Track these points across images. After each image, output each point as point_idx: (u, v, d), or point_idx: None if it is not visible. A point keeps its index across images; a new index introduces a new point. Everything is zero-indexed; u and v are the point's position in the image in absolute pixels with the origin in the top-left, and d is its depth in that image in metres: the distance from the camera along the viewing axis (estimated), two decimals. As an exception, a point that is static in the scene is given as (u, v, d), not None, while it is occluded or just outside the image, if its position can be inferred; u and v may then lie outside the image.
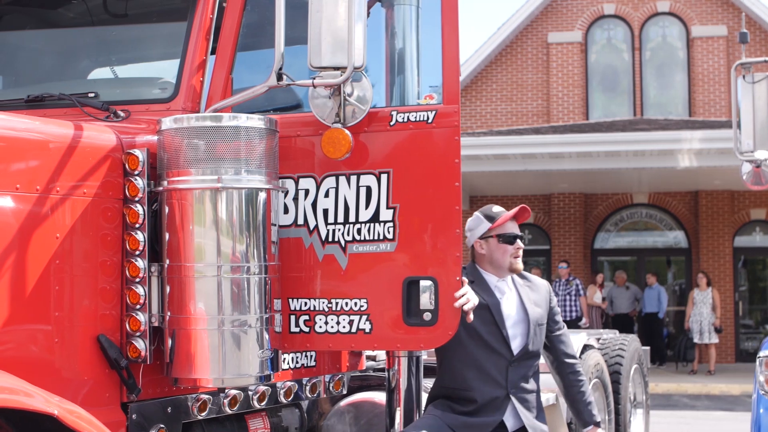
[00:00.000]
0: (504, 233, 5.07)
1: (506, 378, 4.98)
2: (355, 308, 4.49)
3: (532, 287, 5.18)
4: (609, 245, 24.93)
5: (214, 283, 4.16)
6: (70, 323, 4.03)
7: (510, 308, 5.08)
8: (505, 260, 5.07)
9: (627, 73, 24.82)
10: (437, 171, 4.45)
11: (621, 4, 24.62)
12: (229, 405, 4.72)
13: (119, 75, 5.13)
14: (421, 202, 4.46)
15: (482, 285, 5.05)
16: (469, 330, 4.89)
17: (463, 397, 5.00)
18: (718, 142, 18.84)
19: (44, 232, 3.95)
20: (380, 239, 4.48)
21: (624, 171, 20.41)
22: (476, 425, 4.97)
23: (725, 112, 23.60)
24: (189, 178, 4.17)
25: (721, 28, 24.07)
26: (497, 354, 4.97)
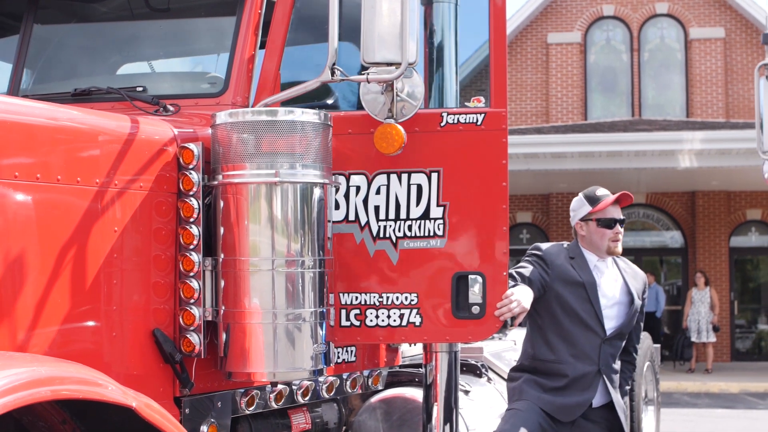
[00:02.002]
0: (603, 217, 5.17)
1: (599, 355, 5.09)
2: (406, 302, 4.63)
3: (633, 275, 5.30)
4: (606, 245, 24.95)
5: (270, 278, 4.16)
6: (126, 317, 4.04)
7: (609, 288, 5.19)
8: (603, 243, 5.18)
9: (625, 73, 24.89)
10: (485, 171, 4.61)
11: (620, 5, 24.69)
12: (275, 400, 4.73)
13: (167, 69, 5.14)
14: (470, 200, 4.60)
15: (581, 262, 5.17)
16: (564, 306, 5.12)
17: (555, 371, 5.14)
18: (718, 142, 18.94)
19: (103, 225, 3.95)
20: (430, 236, 4.62)
21: (623, 171, 20.47)
22: (570, 406, 5.11)
23: (722, 113, 23.69)
24: (244, 172, 4.17)
25: (719, 30, 24.16)
26: (592, 331, 5.11)
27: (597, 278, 5.17)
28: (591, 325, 5.11)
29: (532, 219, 24.84)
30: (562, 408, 5.11)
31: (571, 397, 5.11)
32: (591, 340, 5.11)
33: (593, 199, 5.21)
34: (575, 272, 5.13)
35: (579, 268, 5.16)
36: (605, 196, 5.21)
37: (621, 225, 5.20)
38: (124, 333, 4.02)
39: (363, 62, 4.35)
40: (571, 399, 5.10)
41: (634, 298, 5.19)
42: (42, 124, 3.80)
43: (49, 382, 3.04)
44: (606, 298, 5.16)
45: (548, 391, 5.13)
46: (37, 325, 3.66)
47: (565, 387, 5.13)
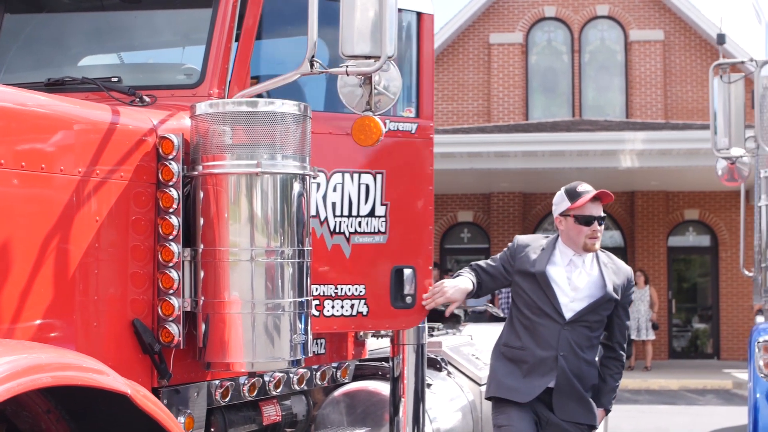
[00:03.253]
0: (581, 214, 5.15)
1: (558, 341, 5.13)
2: (356, 293, 5.06)
3: (615, 270, 5.28)
4: (546, 244, 25.18)
5: (249, 268, 4.17)
6: (106, 308, 4.03)
7: (580, 281, 5.19)
8: (580, 240, 5.17)
9: (566, 74, 25.13)
10: (417, 175, 5.26)
11: (561, 6, 24.93)
12: (249, 391, 4.74)
13: (142, 60, 5.12)
14: (406, 201, 5.20)
15: (546, 254, 5.22)
16: (523, 295, 5.23)
17: (520, 357, 5.24)
18: (658, 143, 19.24)
19: (84, 215, 3.94)
20: (376, 232, 5.12)
21: (565, 171, 20.66)
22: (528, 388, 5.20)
23: (661, 114, 24.02)
24: (225, 162, 4.18)
25: (658, 33, 24.49)
26: (550, 318, 5.17)
27: (567, 273, 5.20)
28: (548, 312, 5.16)
29: (473, 218, 24.99)
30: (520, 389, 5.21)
31: (529, 379, 5.19)
32: (550, 326, 5.16)
33: (573, 195, 5.20)
34: (530, 264, 5.22)
35: (538, 259, 5.22)
36: (586, 192, 5.19)
37: (600, 223, 5.18)
38: (104, 323, 4.01)
39: (342, 55, 4.38)
40: (530, 383, 5.19)
41: (608, 293, 5.17)
42: (24, 112, 3.78)
43: (50, 369, 3.04)
44: (576, 290, 5.18)
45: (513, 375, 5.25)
46: (19, 315, 3.64)
47: (527, 372, 5.21)
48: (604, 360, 5.38)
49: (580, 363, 5.17)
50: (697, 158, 18.79)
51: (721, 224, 23.90)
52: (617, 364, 5.37)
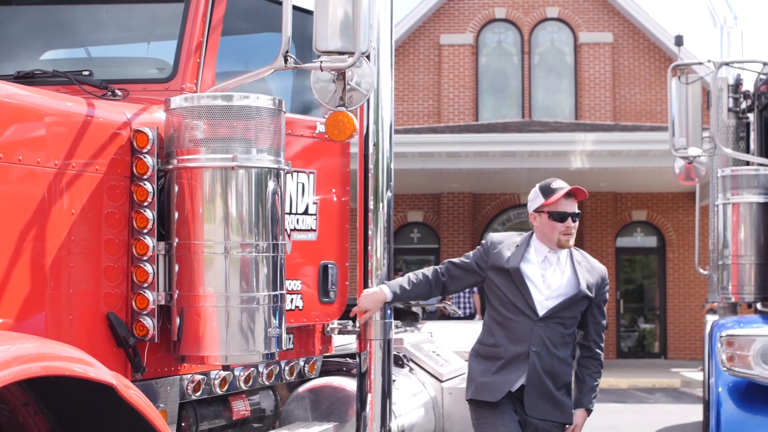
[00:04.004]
0: (554, 210, 5.12)
1: (530, 337, 5.13)
2: (295, 288, 5.15)
3: (589, 269, 5.26)
4: (496, 244, 25.32)
5: (224, 262, 4.18)
6: (82, 301, 4.02)
7: (555, 280, 5.19)
8: (554, 236, 5.14)
9: (516, 76, 25.30)
10: (337, 176, 5.46)
11: (512, 8, 25.08)
12: (219, 386, 4.75)
13: (114, 54, 5.10)
14: (329, 200, 5.38)
15: (520, 251, 5.21)
16: (497, 292, 5.23)
17: (494, 354, 5.24)
18: (609, 144, 19.42)
19: (62, 208, 3.93)
20: (309, 229, 5.27)
21: (516, 171, 20.80)
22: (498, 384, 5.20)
23: (610, 116, 24.26)
24: (200, 156, 4.18)
25: (607, 35, 24.74)
26: (523, 314, 5.16)
27: (542, 270, 5.19)
28: (522, 309, 5.16)
29: (423, 218, 25.07)
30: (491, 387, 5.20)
31: (500, 376, 5.19)
32: (523, 323, 5.16)
33: (547, 191, 5.18)
34: (505, 260, 5.21)
35: (513, 256, 5.21)
36: (560, 188, 5.17)
37: (574, 219, 5.17)
38: (79, 316, 4.00)
39: (315, 50, 4.41)
40: (501, 378, 5.19)
41: (581, 290, 5.17)
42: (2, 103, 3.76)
43: (39, 358, 3.02)
44: (550, 288, 5.17)
45: (486, 373, 5.24)
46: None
47: (500, 368, 5.21)
48: (581, 360, 5.36)
49: (553, 360, 5.15)
50: (646, 159, 19.02)
51: (669, 225, 24.20)
52: (595, 363, 5.33)
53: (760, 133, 7.98)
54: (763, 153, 7.81)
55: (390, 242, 5.72)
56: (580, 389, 5.32)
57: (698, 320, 22.44)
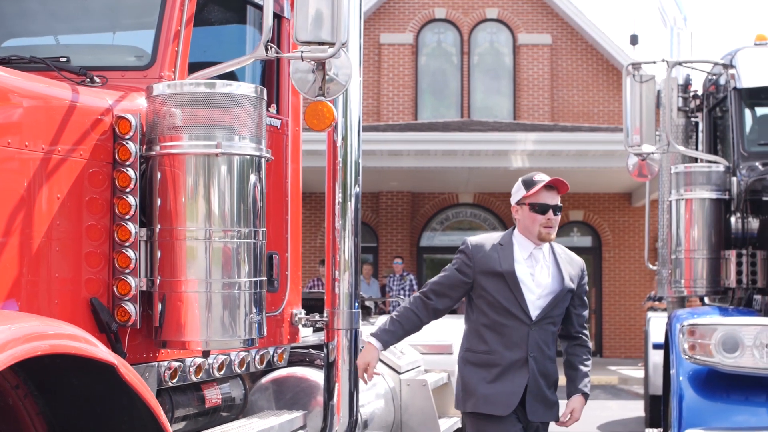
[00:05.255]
0: (536, 202, 5.06)
1: (527, 342, 5.03)
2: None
3: (569, 261, 5.21)
4: (435, 243, 25.52)
5: (206, 247, 4.22)
6: (65, 286, 4.03)
7: (543, 277, 5.11)
8: (535, 228, 5.07)
9: (456, 76, 25.45)
10: (282, 168, 5.50)
11: (452, 8, 25.24)
12: (195, 373, 4.77)
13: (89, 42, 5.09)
14: (272, 191, 5.30)
15: (507, 251, 5.09)
16: (488, 297, 5.06)
17: (488, 361, 5.09)
18: (549, 144, 19.63)
19: (47, 192, 3.94)
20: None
21: (456, 170, 20.94)
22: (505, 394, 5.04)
23: (548, 117, 24.52)
24: (183, 143, 4.21)
25: (546, 37, 24.99)
26: (517, 319, 5.03)
27: (530, 269, 5.11)
28: (515, 313, 5.05)
29: (362, 217, 25.05)
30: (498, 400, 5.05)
31: (503, 385, 5.05)
32: (518, 327, 5.05)
33: (529, 184, 5.14)
34: (496, 262, 5.09)
35: (502, 257, 5.10)
36: (542, 181, 5.12)
37: (555, 212, 5.11)
38: (63, 301, 4.01)
39: (296, 41, 4.46)
40: (504, 388, 5.04)
41: (567, 285, 5.13)
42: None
43: (45, 337, 3.03)
44: (540, 287, 5.09)
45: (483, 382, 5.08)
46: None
47: (498, 376, 5.06)
48: (571, 349, 5.29)
49: (546, 361, 5.10)
50: (585, 160, 19.28)
51: (605, 225, 24.53)
52: (585, 350, 5.29)
53: (708, 132, 8.17)
54: (711, 151, 8.01)
55: (358, 236, 5.78)
56: (574, 377, 5.23)
57: (634, 319, 22.82)
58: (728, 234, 6.99)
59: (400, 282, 20.61)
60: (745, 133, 7.35)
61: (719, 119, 8.05)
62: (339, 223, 5.69)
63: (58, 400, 3.60)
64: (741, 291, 6.96)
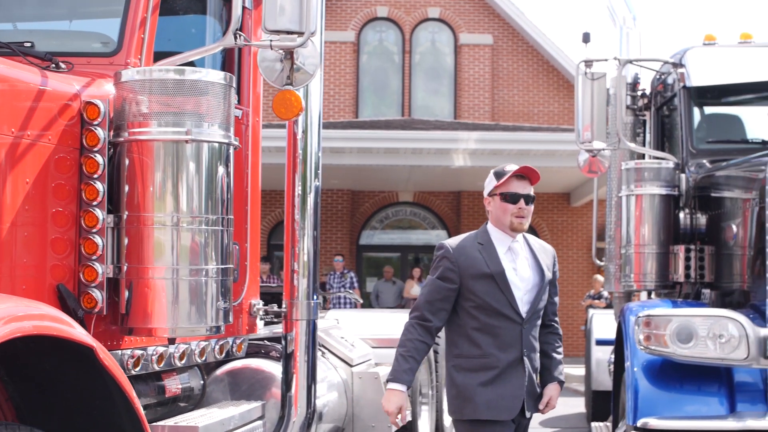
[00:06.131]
0: (507, 192, 4.99)
1: (521, 341, 4.94)
2: None
3: (542, 250, 5.15)
4: (374, 242, 25.58)
5: (174, 234, 4.22)
6: (33, 272, 4.00)
7: (525, 271, 5.03)
8: (507, 219, 4.97)
9: (397, 75, 25.53)
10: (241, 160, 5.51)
11: (394, 7, 25.31)
12: (157, 362, 4.76)
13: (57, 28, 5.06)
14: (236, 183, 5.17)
15: (490, 250, 4.97)
16: (477, 300, 4.93)
17: (483, 365, 4.93)
18: (491, 143, 19.78)
19: (16, 177, 3.91)
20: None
21: (396, 169, 21.01)
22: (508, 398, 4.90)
23: (489, 116, 24.69)
24: (152, 129, 4.21)
25: (487, 37, 25.16)
26: (509, 320, 4.94)
27: (512, 264, 5.00)
28: (507, 314, 4.93)
29: (303, 214, 25.06)
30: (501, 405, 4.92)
31: (504, 388, 4.92)
32: (510, 328, 4.94)
33: (499, 174, 5.07)
34: (483, 263, 4.94)
35: (487, 257, 4.96)
36: (512, 170, 5.05)
37: (527, 201, 5.00)
38: (29, 287, 3.98)
39: (264, 30, 4.48)
40: (505, 391, 4.92)
41: (546, 275, 5.07)
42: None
43: (28, 317, 3.01)
44: (524, 281, 5.00)
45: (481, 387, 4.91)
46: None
47: (496, 379, 4.92)
48: (544, 338, 5.20)
49: (534, 355, 5.04)
50: (527, 159, 19.40)
51: (543, 225, 24.75)
52: (557, 338, 5.26)
53: (655, 130, 8.31)
54: (659, 149, 8.14)
55: (317, 229, 5.81)
56: (549, 365, 5.17)
57: (572, 318, 23.03)
58: (677, 229, 7.11)
59: (340, 279, 20.64)
60: (694, 130, 7.49)
61: (667, 117, 8.19)
62: (298, 215, 5.71)
63: (28, 385, 3.58)
64: (688, 285, 7.09)
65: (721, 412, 5.28)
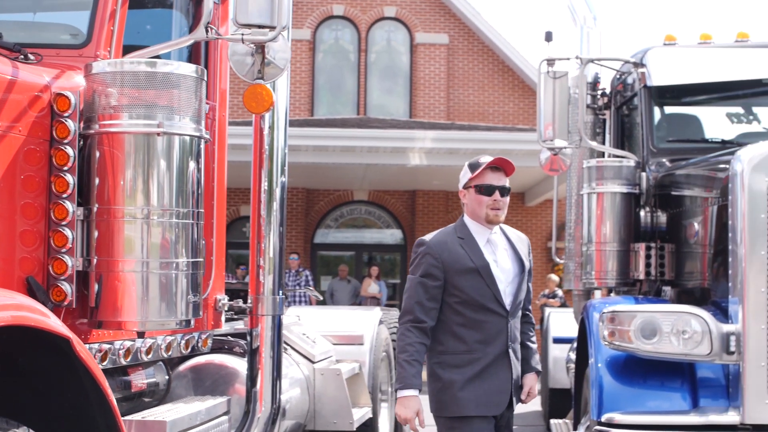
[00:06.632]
0: (481, 183, 4.94)
1: (507, 335, 4.93)
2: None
3: (518, 239, 5.14)
4: (329, 240, 25.56)
5: (144, 227, 4.20)
6: (2, 264, 3.97)
7: (506, 262, 5.01)
8: (482, 211, 4.94)
9: (353, 73, 25.53)
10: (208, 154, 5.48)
11: (350, 6, 25.30)
12: (124, 356, 4.73)
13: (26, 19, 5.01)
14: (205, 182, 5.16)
15: (471, 243, 4.95)
16: (462, 295, 4.90)
17: (469, 361, 4.89)
18: (447, 142, 19.82)
19: (-13, 167, 3.88)
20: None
21: (352, 167, 21.00)
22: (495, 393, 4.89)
23: (444, 116, 24.76)
24: (123, 122, 4.19)
25: (443, 37, 25.23)
26: (494, 313, 4.91)
27: (492, 256, 4.98)
28: (493, 308, 4.91)
29: (257, 212, 24.99)
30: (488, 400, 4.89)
31: (491, 383, 4.90)
32: (495, 322, 4.92)
33: (473, 166, 5.01)
34: (467, 258, 4.91)
35: (470, 251, 4.93)
36: (486, 161, 4.99)
37: (502, 193, 4.95)
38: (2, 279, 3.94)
39: (235, 23, 4.47)
40: (492, 386, 4.90)
41: (525, 265, 5.07)
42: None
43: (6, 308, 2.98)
44: (505, 273, 4.98)
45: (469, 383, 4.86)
46: None
47: (482, 373, 4.90)
48: (523, 326, 5.18)
49: (518, 347, 5.05)
50: (482, 158, 19.48)
51: (499, 224, 24.85)
52: (531, 327, 5.24)
53: (615, 130, 8.37)
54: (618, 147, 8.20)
55: (283, 225, 5.80)
56: (526, 355, 5.15)
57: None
58: (638, 227, 7.17)
59: (295, 278, 20.61)
60: (654, 129, 7.56)
61: (626, 117, 8.25)
62: (264, 211, 5.70)
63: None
64: (648, 283, 7.16)
65: (683, 407, 5.34)
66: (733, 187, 5.36)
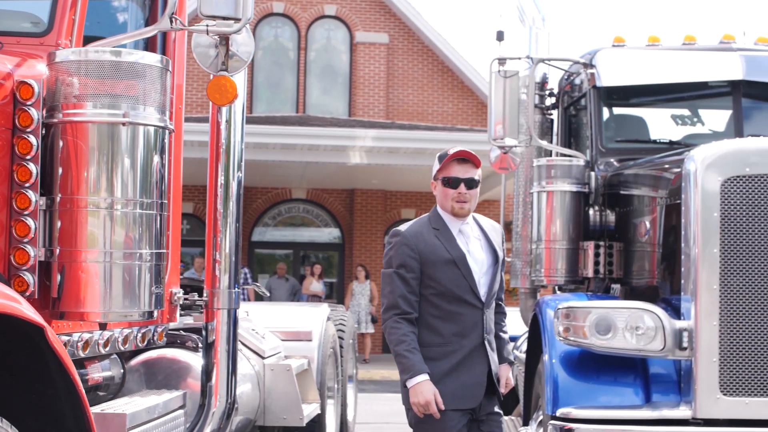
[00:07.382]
0: (447, 176, 4.95)
1: (482, 326, 4.93)
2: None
3: (492, 229, 5.13)
4: (266, 238, 25.48)
5: (108, 218, 4.17)
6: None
7: (479, 253, 5.00)
8: (448, 203, 4.95)
9: (292, 72, 25.48)
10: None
11: (290, 3, 25.25)
12: (82, 348, 4.69)
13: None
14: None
15: (446, 234, 4.95)
16: (437, 287, 4.89)
17: (444, 354, 4.90)
18: (388, 141, 19.90)
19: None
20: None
21: (291, 165, 20.96)
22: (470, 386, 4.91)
23: (383, 115, 24.80)
24: (87, 111, 4.15)
25: (383, 36, 25.28)
26: (470, 305, 4.92)
27: (466, 243, 4.98)
28: (468, 300, 4.92)
29: (194, 210, 24.85)
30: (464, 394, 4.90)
31: (468, 376, 4.91)
32: (470, 313, 4.92)
33: (441, 158, 5.01)
34: (443, 249, 4.92)
35: (446, 242, 4.94)
36: (451, 154, 4.99)
37: (468, 186, 4.93)
38: (-39, 269, 3.89)
39: (200, 14, 4.45)
40: (468, 379, 4.90)
41: (499, 255, 5.06)
42: None
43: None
44: (478, 263, 4.98)
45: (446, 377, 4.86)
46: None
47: (458, 366, 4.91)
48: (497, 316, 5.19)
49: (492, 338, 5.05)
50: (422, 158, 19.58)
51: (437, 223, 24.96)
52: (503, 317, 5.25)
53: (563, 129, 8.45)
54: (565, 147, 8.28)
55: (239, 221, 5.78)
56: (499, 345, 5.16)
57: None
58: (587, 226, 7.25)
59: (234, 275, 20.51)
60: (603, 129, 7.64)
61: (574, 117, 8.33)
62: (221, 206, 5.67)
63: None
64: (596, 281, 7.23)
65: (637, 401, 5.41)
66: (686, 186, 5.43)
